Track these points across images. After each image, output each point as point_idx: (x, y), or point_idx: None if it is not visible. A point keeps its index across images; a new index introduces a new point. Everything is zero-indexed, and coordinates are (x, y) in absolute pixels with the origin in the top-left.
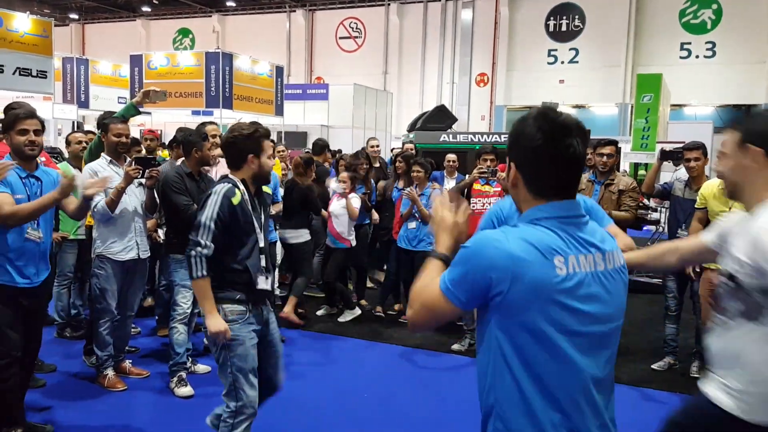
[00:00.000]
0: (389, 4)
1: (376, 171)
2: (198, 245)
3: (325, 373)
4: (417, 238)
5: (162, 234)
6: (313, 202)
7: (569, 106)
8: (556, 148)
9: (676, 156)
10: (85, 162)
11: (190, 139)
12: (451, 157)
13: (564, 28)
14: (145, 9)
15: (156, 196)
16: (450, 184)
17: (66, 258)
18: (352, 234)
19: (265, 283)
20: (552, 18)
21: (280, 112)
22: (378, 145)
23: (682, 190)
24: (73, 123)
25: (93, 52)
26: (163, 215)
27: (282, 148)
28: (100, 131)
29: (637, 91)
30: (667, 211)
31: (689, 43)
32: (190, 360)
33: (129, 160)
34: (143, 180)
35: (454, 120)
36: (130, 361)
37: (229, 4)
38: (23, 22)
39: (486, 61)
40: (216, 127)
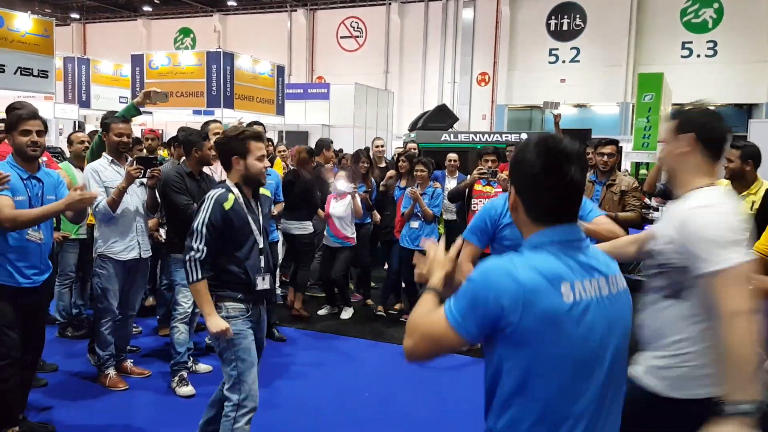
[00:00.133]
0: (390, 4)
1: (381, 171)
2: (191, 250)
3: (326, 372)
4: (420, 238)
5: (163, 233)
6: (314, 195)
7: (570, 105)
8: (555, 176)
9: None
10: (87, 162)
11: (190, 139)
12: (452, 156)
13: (565, 28)
14: (147, 8)
15: (157, 195)
16: (451, 183)
17: (67, 257)
18: (354, 231)
19: (265, 283)
20: (553, 17)
21: (281, 111)
22: (383, 145)
23: None
24: (74, 123)
25: (94, 51)
26: (164, 215)
27: (283, 147)
28: (101, 131)
29: (639, 90)
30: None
31: (690, 43)
32: (191, 359)
33: (130, 159)
34: (144, 180)
35: (455, 119)
36: (132, 360)
37: (230, 3)
38: (24, 22)
39: (487, 60)
40: (220, 125)
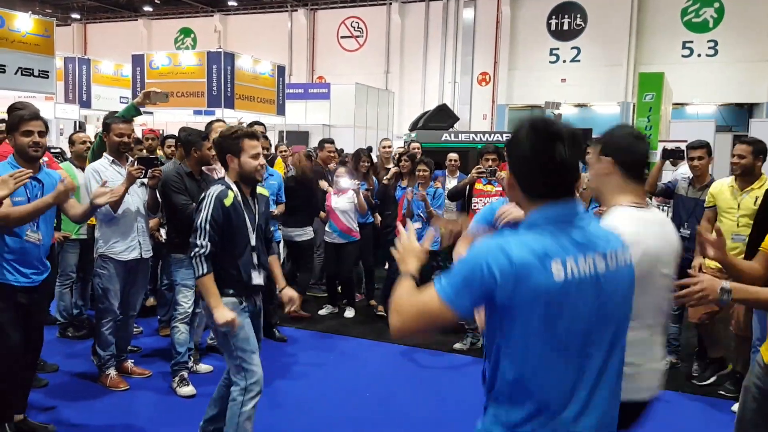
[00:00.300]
0: (391, 4)
1: (387, 171)
2: (196, 246)
3: (326, 372)
4: (421, 239)
5: (164, 233)
6: (316, 199)
7: (571, 105)
8: (545, 155)
9: (678, 155)
10: (88, 162)
11: (189, 139)
12: (452, 156)
13: (566, 27)
14: (147, 9)
15: (158, 195)
16: (452, 183)
17: (68, 258)
18: (357, 225)
19: (259, 278)
20: (554, 17)
21: (281, 111)
22: (390, 146)
23: (686, 189)
24: (75, 123)
25: (95, 51)
26: (165, 215)
27: (284, 147)
28: (101, 131)
29: (639, 89)
30: (669, 209)
31: (691, 42)
32: (192, 359)
33: (131, 160)
34: (145, 180)
35: (456, 119)
36: (133, 360)
37: (231, 3)
38: (25, 22)
39: (488, 60)
40: (223, 125)
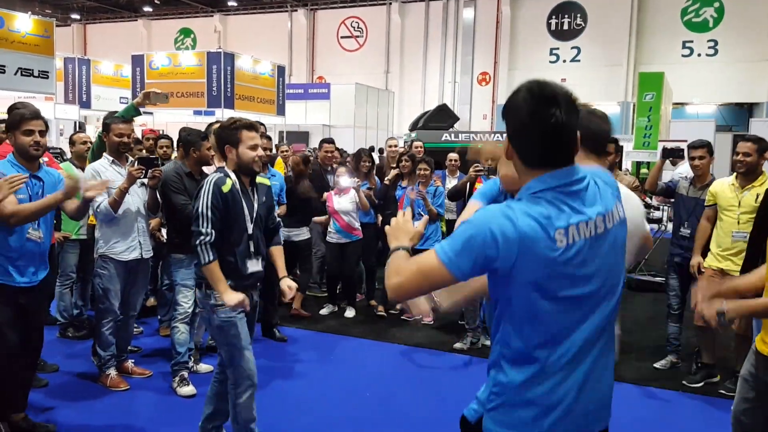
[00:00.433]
0: (391, 4)
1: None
2: (200, 234)
3: (327, 372)
4: (423, 237)
5: (165, 233)
6: (311, 202)
7: None
8: (540, 119)
9: (678, 154)
10: (89, 162)
11: (188, 139)
12: (453, 156)
13: (566, 27)
14: (147, 9)
15: (158, 195)
16: (452, 183)
17: (68, 258)
18: (359, 224)
19: (256, 265)
20: (554, 17)
21: (281, 111)
22: (396, 145)
23: (686, 188)
24: (75, 123)
25: (94, 52)
26: (164, 215)
27: (286, 147)
28: (101, 131)
29: (639, 89)
30: (669, 209)
31: (691, 42)
32: (192, 359)
33: (132, 160)
34: (145, 180)
35: (456, 119)
36: (133, 360)
37: (231, 3)
38: (25, 23)
39: (488, 60)
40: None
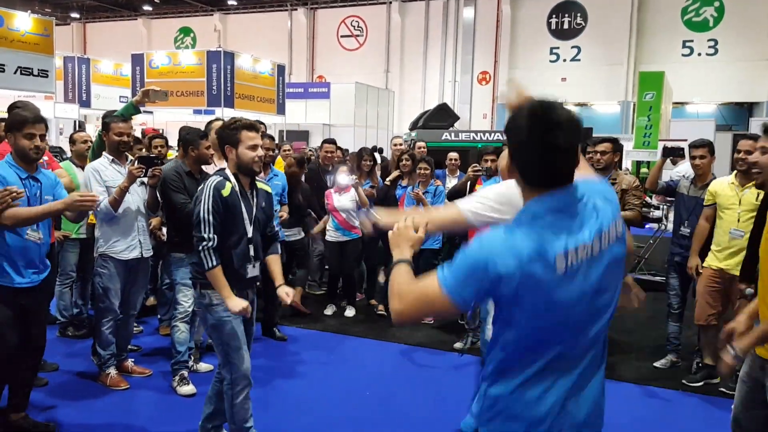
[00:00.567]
0: (391, 3)
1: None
2: (203, 240)
3: (327, 372)
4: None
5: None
6: (304, 204)
7: (572, 104)
8: (541, 142)
9: (678, 153)
10: (89, 161)
11: (186, 138)
12: (453, 155)
13: (566, 26)
14: (147, 8)
15: (158, 194)
16: (452, 182)
17: (68, 257)
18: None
19: (254, 270)
20: (554, 16)
21: (281, 110)
22: (402, 143)
23: (687, 188)
24: (74, 122)
25: (94, 51)
26: (164, 214)
27: (288, 147)
28: (101, 130)
29: (640, 88)
30: (668, 208)
31: (691, 41)
32: (192, 358)
33: (132, 159)
34: (145, 179)
35: (456, 118)
36: (133, 360)
37: (231, 2)
38: (24, 22)
39: (488, 59)
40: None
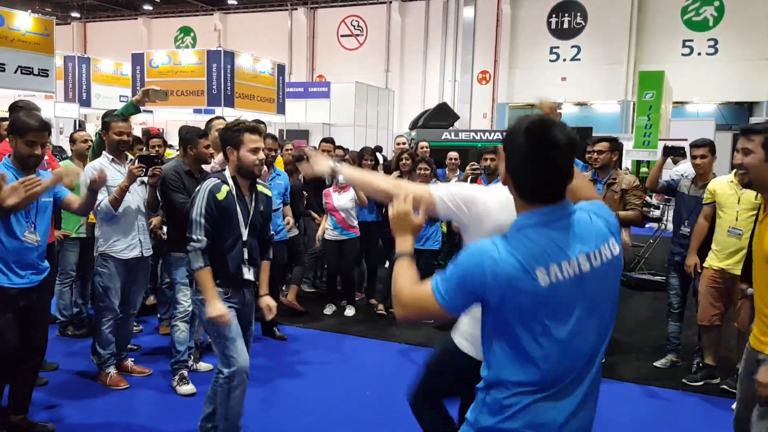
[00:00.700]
0: (391, 2)
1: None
2: (193, 241)
3: (326, 371)
4: (423, 237)
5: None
6: (300, 202)
7: (571, 103)
8: (540, 161)
9: (678, 152)
10: (89, 160)
11: (185, 137)
12: (453, 154)
13: (566, 26)
14: (147, 7)
15: (158, 194)
16: (452, 182)
17: (68, 256)
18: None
19: (249, 273)
20: (554, 15)
21: (281, 110)
22: (405, 142)
23: (688, 187)
24: (74, 122)
25: (94, 50)
26: (164, 213)
27: (290, 146)
28: (101, 129)
29: (639, 88)
30: (668, 207)
31: (691, 41)
32: (192, 358)
33: (132, 158)
34: (145, 178)
35: (456, 118)
36: (132, 359)
37: (231, 2)
38: (25, 21)
39: (488, 58)
40: (223, 122)
